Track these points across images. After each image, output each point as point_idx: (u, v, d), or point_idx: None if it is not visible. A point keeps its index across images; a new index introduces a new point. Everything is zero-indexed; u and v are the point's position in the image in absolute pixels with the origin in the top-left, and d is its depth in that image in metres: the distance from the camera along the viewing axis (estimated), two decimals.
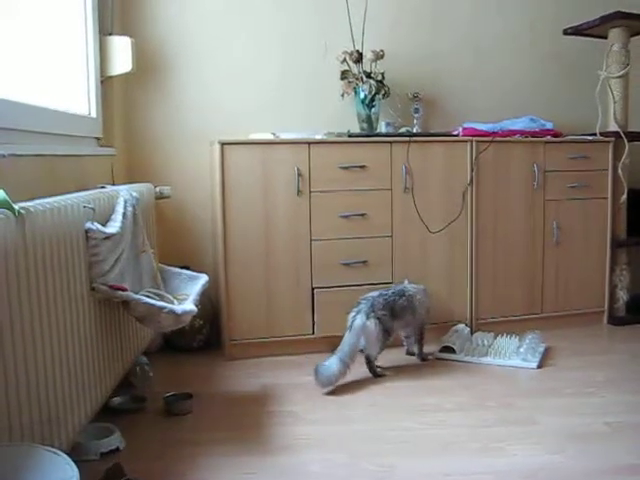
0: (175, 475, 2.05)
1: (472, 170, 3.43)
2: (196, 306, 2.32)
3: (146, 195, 2.90)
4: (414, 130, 3.66)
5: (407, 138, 3.36)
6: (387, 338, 2.92)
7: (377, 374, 2.94)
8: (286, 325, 3.24)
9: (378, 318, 2.87)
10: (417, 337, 3.14)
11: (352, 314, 2.91)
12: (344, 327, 3.07)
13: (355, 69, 3.57)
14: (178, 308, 2.21)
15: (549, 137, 3.58)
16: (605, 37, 3.77)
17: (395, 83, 3.69)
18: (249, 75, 3.64)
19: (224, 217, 3.13)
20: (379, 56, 3.53)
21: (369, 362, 2.93)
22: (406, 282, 3.20)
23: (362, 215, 3.29)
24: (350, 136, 3.35)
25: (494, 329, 3.46)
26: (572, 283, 3.68)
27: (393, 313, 2.94)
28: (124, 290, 2.11)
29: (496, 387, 2.79)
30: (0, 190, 1.52)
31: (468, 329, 3.42)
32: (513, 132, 3.54)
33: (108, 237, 2.11)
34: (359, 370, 2.93)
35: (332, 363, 2.80)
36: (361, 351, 2.91)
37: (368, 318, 2.86)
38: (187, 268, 3.02)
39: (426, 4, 3.87)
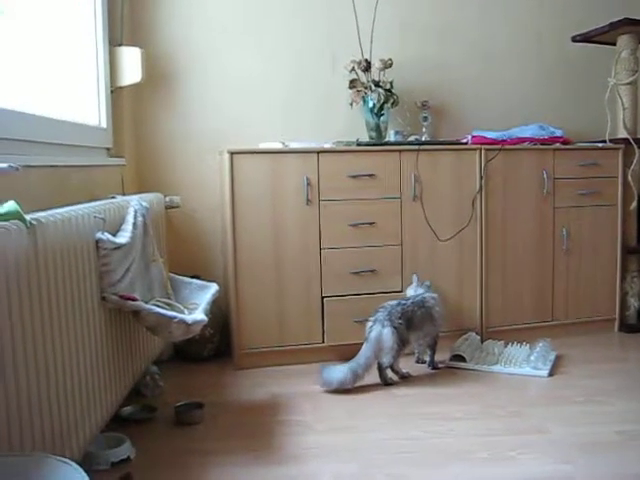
0: None
1: (481, 178, 3.43)
2: (206, 315, 2.33)
3: (156, 205, 2.91)
4: (423, 138, 3.66)
5: (416, 146, 3.36)
6: (402, 348, 2.92)
7: (387, 382, 2.93)
8: (296, 334, 3.24)
9: (395, 327, 2.87)
10: (431, 345, 3.14)
11: (369, 324, 2.92)
12: (354, 336, 3.09)
13: (364, 78, 3.58)
14: (189, 318, 2.22)
15: (558, 144, 3.58)
16: (614, 44, 3.76)
17: (404, 92, 3.69)
18: (258, 85, 3.65)
19: (234, 226, 3.14)
20: (387, 65, 3.54)
21: (380, 370, 2.93)
22: (415, 278, 3.20)
23: (371, 224, 3.29)
24: (359, 145, 3.35)
25: (504, 337, 3.45)
26: (582, 290, 3.66)
27: (410, 324, 2.94)
28: (134, 300, 2.12)
29: (506, 396, 2.77)
30: (12, 201, 1.53)
31: (478, 337, 3.41)
32: (522, 140, 3.54)
33: (118, 247, 2.12)
34: (369, 378, 2.93)
35: (339, 370, 2.81)
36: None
37: (384, 327, 2.86)
38: (197, 277, 3.03)
39: (434, 13, 3.88)
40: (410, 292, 3.20)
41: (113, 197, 2.60)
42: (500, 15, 3.98)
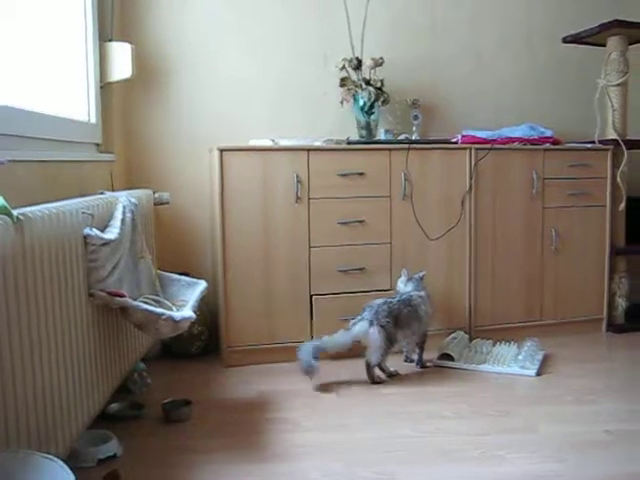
0: None
1: (471, 177, 3.43)
2: (195, 313, 2.32)
3: (145, 201, 2.90)
4: (413, 137, 3.66)
5: (406, 145, 3.36)
6: (390, 347, 2.92)
7: (375, 380, 2.93)
8: (284, 332, 3.24)
9: (382, 326, 2.87)
10: (419, 344, 3.13)
11: (353, 321, 2.92)
12: None
13: (354, 76, 3.58)
14: (176, 315, 2.20)
15: (548, 145, 3.59)
16: (604, 45, 3.77)
17: (394, 90, 3.69)
18: (249, 82, 3.64)
19: (223, 223, 3.13)
20: (378, 63, 3.54)
21: (368, 368, 2.93)
22: (405, 272, 3.19)
23: (361, 222, 3.29)
24: (349, 143, 3.35)
25: (493, 336, 3.46)
26: (571, 290, 3.67)
27: (397, 322, 2.94)
28: (122, 296, 2.11)
29: (494, 395, 2.78)
30: None
31: (467, 336, 3.42)
32: (512, 139, 3.54)
33: (107, 243, 2.11)
34: (357, 377, 2.94)
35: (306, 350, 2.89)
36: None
37: (371, 325, 2.86)
38: (186, 274, 3.02)
39: (425, 11, 3.88)
40: (400, 286, 3.20)
41: (102, 193, 2.59)
42: (491, 15, 3.98)
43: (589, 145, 3.69)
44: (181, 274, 2.93)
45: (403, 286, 3.18)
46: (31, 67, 2.47)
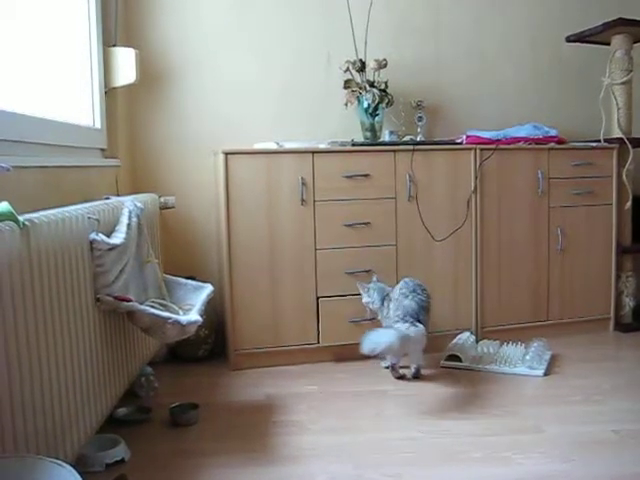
0: None
1: (476, 178, 3.43)
2: (201, 316, 2.32)
3: (150, 205, 2.90)
4: (418, 138, 3.66)
5: (411, 146, 3.36)
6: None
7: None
8: (291, 335, 3.24)
9: (423, 324, 2.88)
10: None
11: (397, 325, 2.87)
12: (349, 336, 3.11)
13: (358, 78, 3.58)
14: (183, 318, 2.21)
15: (553, 144, 3.58)
16: (608, 44, 3.77)
17: (398, 92, 3.69)
18: (253, 85, 3.65)
19: (228, 227, 3.13)
20: (382, 65, 3.54)
21: (418, 372, 3.01)
22: (374, 278, 3.16)
23: (366, 224, 3.29)
24: (354, 145, 3.35)
25: (500, 337, 3.45)
26: (577, 290, 3.66)
27: (427, 310, 2.96)
28: (129, 301, 2.12)
29: (502, 395, 2.77)
30: (5, 202, 1.53)
31: (473, 337, 3.41)
32: (517, 139, 3.53)
33: (113, 248, 2.11)
34: (362, 379, 2.94)
35: (385, 334, 2.77)
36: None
37: (417, 327, 2.84)
38: (192, 278, 3.02)
39: (429, 12, 3.88)
40: (365, 299, 3.13)
41: (107, 198, 2.59)
42: (494, 15, 3.98)
43: (594, 144, 3.68)
44: (187, 278, 2.93)
45: (368, 298, 3.12)
46: (36, 73, 2.48)
